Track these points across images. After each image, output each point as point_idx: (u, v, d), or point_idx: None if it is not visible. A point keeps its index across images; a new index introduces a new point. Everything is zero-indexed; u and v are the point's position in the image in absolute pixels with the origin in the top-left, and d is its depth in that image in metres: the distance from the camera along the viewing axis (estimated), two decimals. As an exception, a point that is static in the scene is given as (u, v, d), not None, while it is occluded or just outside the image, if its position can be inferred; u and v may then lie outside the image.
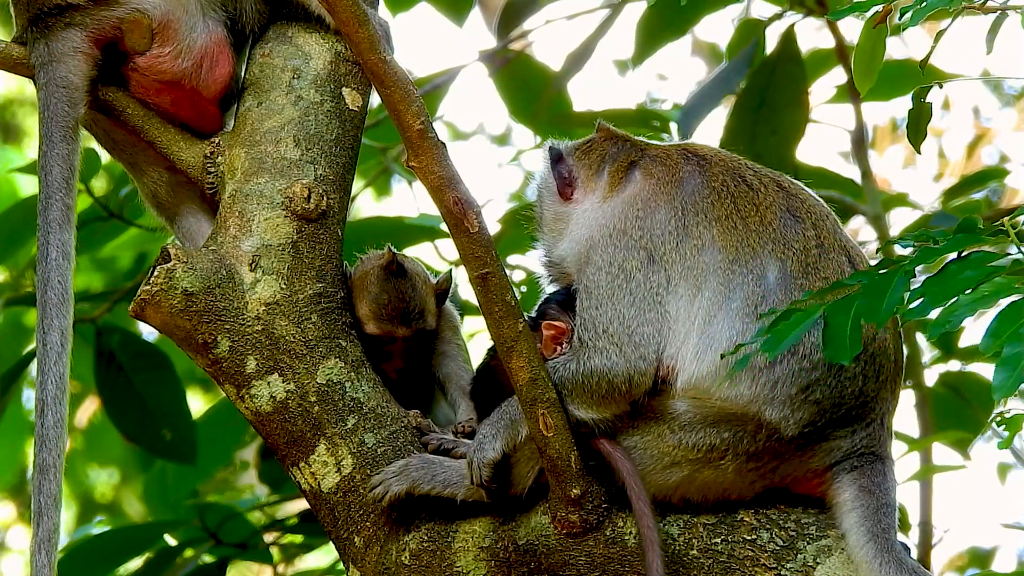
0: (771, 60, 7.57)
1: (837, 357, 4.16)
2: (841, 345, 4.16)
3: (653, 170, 4.87)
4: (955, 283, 4.07)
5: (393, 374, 5.15)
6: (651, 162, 4.90)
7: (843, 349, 4.16)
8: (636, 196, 4.84)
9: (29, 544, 4.86)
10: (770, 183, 4.84)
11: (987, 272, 4.07)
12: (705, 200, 4.79)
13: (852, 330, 4.15)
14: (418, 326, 5.16)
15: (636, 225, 4.79)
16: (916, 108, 4.72)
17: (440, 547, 4.88)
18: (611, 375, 4.70)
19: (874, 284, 4.20)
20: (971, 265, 4.12)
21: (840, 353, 4.16)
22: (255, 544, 7.56)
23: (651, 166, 4.89)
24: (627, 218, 4.81)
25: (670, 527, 4.75)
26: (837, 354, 4.16)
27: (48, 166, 5.06)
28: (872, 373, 4.70)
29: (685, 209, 4.78)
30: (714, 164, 4.87)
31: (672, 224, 4.77)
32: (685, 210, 4.78)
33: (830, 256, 4.74)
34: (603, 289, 4.75)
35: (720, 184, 4.81)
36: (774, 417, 4.64)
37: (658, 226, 4.78)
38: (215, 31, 5.20)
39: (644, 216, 4.80)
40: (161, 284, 4.95)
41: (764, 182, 4.83)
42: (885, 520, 4.61)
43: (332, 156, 5.18)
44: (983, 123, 12.68)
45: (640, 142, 5.04)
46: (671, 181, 4.83)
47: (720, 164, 4.87)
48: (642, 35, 7.77)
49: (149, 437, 7.45)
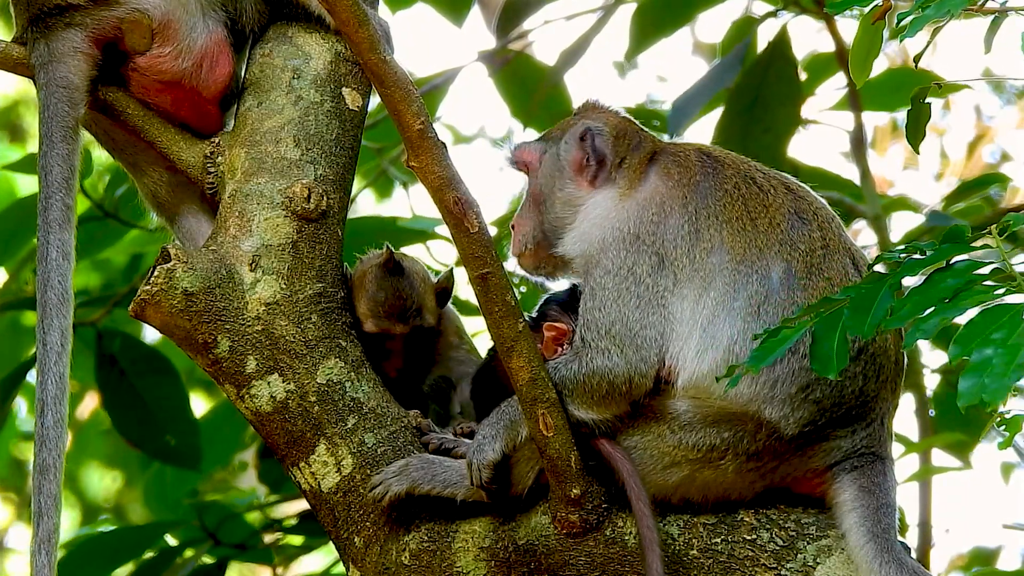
0: (763, 58, 7.57)
1: (824, 371, 4.23)
2: (828, 360, 4.23)
3: (671, 170, 4.85)
4: (936, 292, 4.13)
5: (393, 373, 5.16)
6: (670, 161, 4.88)
7: (830, 364, 4.23)
8: (651, 199, 4.82)
9: (29, 544, 4.85)
10: (779, 185, 4.84)
11: (967, 280, 4.11)
12: (718, 203, 4.78)
13: (839, 344, 4.22)
14: (416, 323, 5.16)
15: (650, 230, 4.78)
16: (915, 109, 4.73)
17: (440, 547, 4.89)
18: (612, 376, 4.70)
19: (861, 298, 4.26)
20: (953, 274, 4.16)
21: (827, 367, 4.22)
22: (254, 544, 7.56)
23: (670, 166, 4.86)
24: (641, 222, 4.79)
25: (670, 527, 4.75)
26: (824, 368, 4.23)
27: (48, 166, 5.06)
28: (872, 373, 4.70)
29: (698, 213, 4.77)
30: (727, 166, 4.86)
31: (685, 229, 4.76)
32: (698, 214, 4.77)
33: (834, 257, 4.75)
34: (609, 291, 4.74)
35: (732, 186, 4.81)
36: (774, 416, 4.64)
37: (671, 231, 4.76)
38: (215, 31, 5.20)
39: (658, 221, 4.78)
40: (161, 284, 4.95)
41: (773, 184, 4.84)
42: (885, 520, 4.61)
43: (332, 156, 5.18)
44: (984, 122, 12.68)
45: (655, 136, 5.01)
46: (687, 184, 4.81)
47: (732, 166, 4.86)
48: (635, 32, 7.77)
49: (152, 442, 7.45)
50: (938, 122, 12.27)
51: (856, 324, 4.21)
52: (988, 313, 4.03)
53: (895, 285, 4.24)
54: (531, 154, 5.05)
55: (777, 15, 7.77)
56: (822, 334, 4.25)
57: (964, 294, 4.09)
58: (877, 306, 4.21)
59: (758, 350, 4.31)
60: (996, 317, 4.02)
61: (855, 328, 4.20)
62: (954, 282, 4.13)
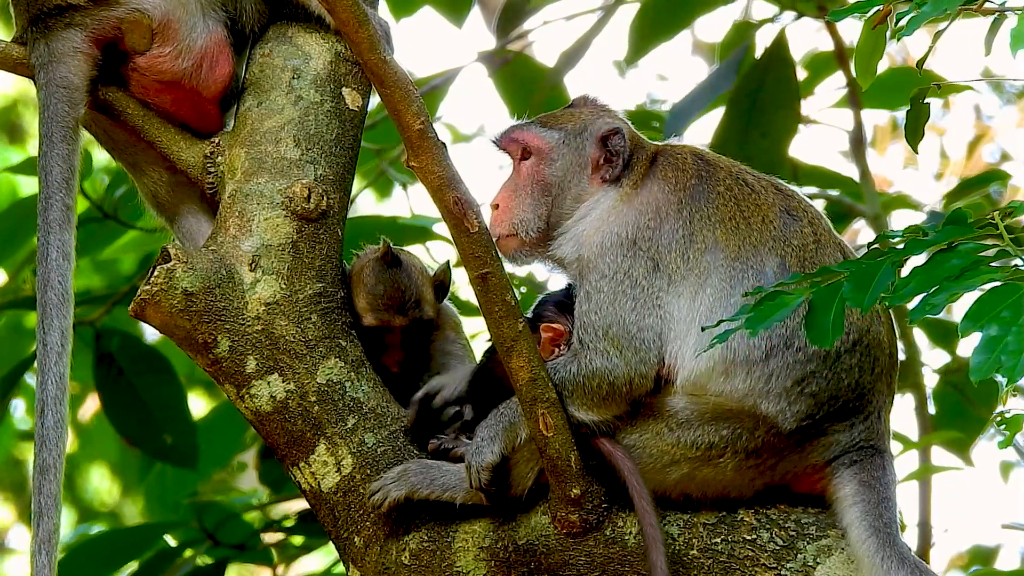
0: (762, 63, 7.58)
1: (819, 341, 4.20)
2: (823, 329, 4.20)
3: (668, 174, 4.87)
4: (941, 271, 4.12)
5: (395, 367, 5.16)
6: (667, 164, 4.90)
7: (825, 333, 4.20)
8: (648, 204, 4.83)
9: (29, 545, 4.85)
10: (769, 186, 4.89)
11: (973, 260, 4.11)
12: (711, 204, 4.81)
13: (835, 315, 4.20)
14: (415, 315, 5.17)
15: (646, 236, 4.79)
16: (915, 109, 4.74)
17: (440, 547, 4.89)
18: (613, 377, 4.70)
19: (862, 272, 4.24)
20: (958, 254, 4.15)
21: (822, 337, 4.19)
22: (254, 545, 7.56)
23: (667, 169, 4.88)
24: (638, 228, 4.80)
25: (670, 527, 4.76)
26: (819, 337, 4.20)
27: (48, 166, 5.06)
28: (868, 365, 4.71)
29: (692, 216, 4.79)
30: (720, 168, 4.89)
31: (679, 233, 4.78)
32: (692, 217, 4.79)
33: (826, 251, 4.78)
34: (605, 295, 4.75)
35: (725, 188, 4.84)
36: (771, 411, 4.65)
37: (666, 236, 4.78)
38: (215, 31, 5.20)
39: (655, 227, 4.79)
40: (161, 284, 4.95)
41: (764, 185, 4.89)
42: (886, 515, 4.62)
43: (332, 156, 5.18)
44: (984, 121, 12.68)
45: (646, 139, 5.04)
46: (682, 188, 4.84)
47: (725, 168, 4.90)
48: (636, 35, 7.78)
49: (150, 441, 7.45)
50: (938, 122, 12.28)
51: (855, 297, 4.18)
52: (996, 291, 4.03)
53: (897, 262, 4.22)
54: (539, 139, 5.02)
55: (775, 20, 7.78)
56: (819, 304, 4.22)
57: (970, 273, 4.08)
58: (878, 281, 4.18)
59: (754, 311, 4.28)
60: (1005, 294, 4.02)
61: (854, 301, 4.17)
62: (959, 262, 4.12)
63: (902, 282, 4.14)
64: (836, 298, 4.21)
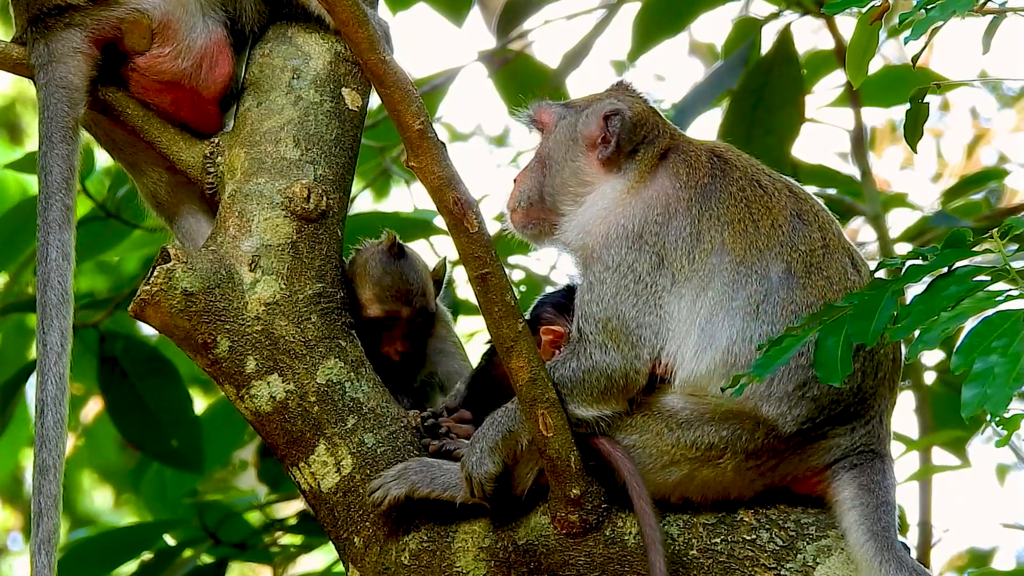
0: (767, 60, 7.58)
1: (829, 379, 4.27)
2: (832, 367, 4.27)
3: (680, 170, 4.85)
4: (939, 300, 4.16)
5: (397, 356, 5.17)
6: (680, 160, 4.88)
7: (834, 371, 4.26)
8: (657, 199, 4.82)
9: (29, 545, 4.85)
10: (783, 188, 4.87)
11: (969, 288, 4.13)
12: (721, 205, 4.79)
13: (843, 352, 4.25)
14: (420, 304, 5.20)
15: (653, 231, 4.78)
16: (913, 109, 4.75)
17: (440, 547, 4.89)
18: (610, 371, 4.70)
19: (864, 305, 4.30)
20: (956, 280, 4.19)
21: (832, 375, 4.27)
22: (254, 544, 7.56)
23: (679, 165, 4.87)
24: (646, 222, 4.79)
25: (670, 527, 4.76)
26: (829, 376, 4.27)
27: (48, 166, 5.07)
28: (870, 370, 4.71)
29: (701, 216, 4.78)
30: (735, 168, 4.87)
31: (687, 231, 4.77)
32: (701, 217, 4.78)
33: (834, 257, 4.76)
34: (608, 287, 4.75)
35: (737, 189, 4.82)
36: (771, 414, 4.65)
37: (673, 233, 4.77)
38: (215, 31, 5.20)
39: (662, 222, 4.79)
40: (161, 284, 4.95)
41: (777, 187, 4.86)
42: (885, 518, 4.61)
43: (332, 156, 5.19)
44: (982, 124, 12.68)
45: (674, 130, 5.01)
46: (694, 186, 4.82)
47: (740, 169, 4.87)
48: (638, 33, 7.79)
49: (155, 444, 7.45)
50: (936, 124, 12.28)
51: (859, 331, 4.25)
52: (989, 321, 4.06)
53: (897, 291, 4.28)
54: (548, 115, 5.06)
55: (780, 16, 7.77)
56: (826, 341, 4.28)
57: (966, 302, 4.10)
58: (880, 313, 4.25)
59: (762, 358, 4.35)
60: (997, 325, 4.04)
61: (858, 335, 4.23)
62: (956, 289, 4.16)
63: (903, 311, 4.19)
64: (842, 334, 4.26)
